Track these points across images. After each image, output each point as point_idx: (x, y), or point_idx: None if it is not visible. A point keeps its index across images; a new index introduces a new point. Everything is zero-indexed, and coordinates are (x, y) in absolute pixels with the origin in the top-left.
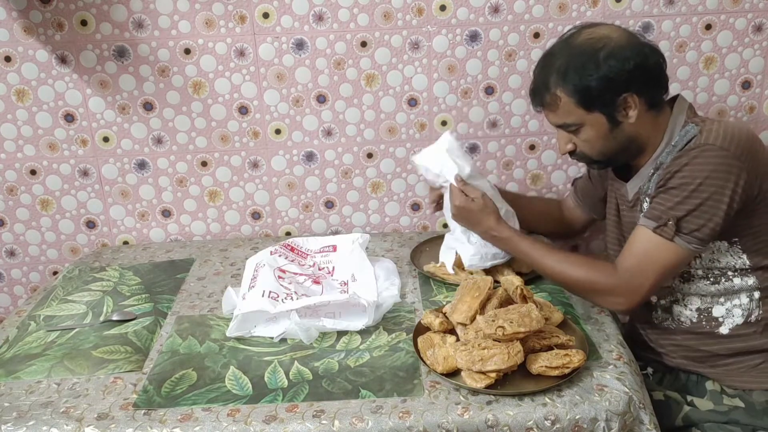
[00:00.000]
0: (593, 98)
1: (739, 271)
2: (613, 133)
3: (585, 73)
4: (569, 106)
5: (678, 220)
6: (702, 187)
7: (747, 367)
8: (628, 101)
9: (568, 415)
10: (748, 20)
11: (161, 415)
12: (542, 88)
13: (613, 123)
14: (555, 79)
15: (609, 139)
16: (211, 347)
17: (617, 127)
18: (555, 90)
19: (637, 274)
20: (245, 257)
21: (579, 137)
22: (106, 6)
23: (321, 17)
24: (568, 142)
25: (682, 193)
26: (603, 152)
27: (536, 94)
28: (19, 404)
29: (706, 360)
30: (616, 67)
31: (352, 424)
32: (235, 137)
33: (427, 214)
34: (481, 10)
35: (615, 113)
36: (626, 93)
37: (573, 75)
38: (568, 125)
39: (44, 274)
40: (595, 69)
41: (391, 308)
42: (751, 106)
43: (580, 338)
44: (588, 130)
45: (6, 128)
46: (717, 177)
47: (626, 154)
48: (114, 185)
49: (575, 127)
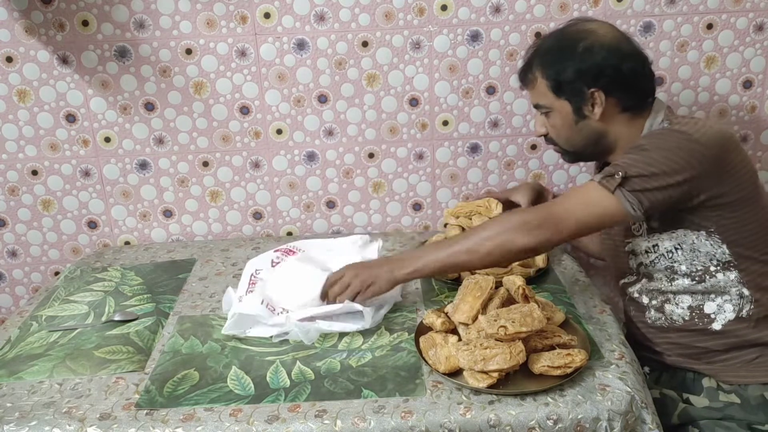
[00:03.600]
0: (562, 85)
1: (721, 264)
2: (578, 125)
3: (561, 60)
4: (542, 88)
5: (626, 175)
6: (663, 159)
7: (742, 362)
8: (594, 96)
9: (570, 415)
10: (749, 20)
11: (163, 415)
12: (525, 67)
13: (578, 115)
14: (536, 61)
15: (574, 130)
16: (213, 347)
17: (582, 120)
18: (534, 70)
19: (567, 210)
20: (247, 257)
21: (549, 121)
22: (107, 6)
23: (322, 17)
24: (542, 124)
25: (640, 157)
26: (569, 142)
27: (521, 70)
28: (22, 404)
29: (701, 356)
30: (589, 62)
31: (354, 424)
32: (236, 137)
33: (429, 214)
34: (482, 10)
35: (581, 105)
36: (594, 88)
37: (550, 60)
38: (540, 107)
39: (46, 275)
40: (570, 59)
41: (392, 308)
42: (753, 106)
43: (582, 338)
44: (556, 116)
45: (7, 129)
46: (679, 156)
47: (595, 149)
48: (115, 185)
49: (546, 110)
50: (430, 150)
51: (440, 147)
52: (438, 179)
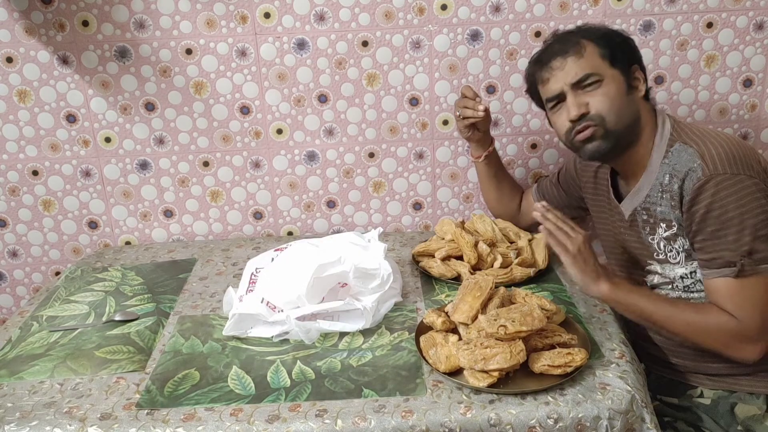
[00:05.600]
0: (618, 53)
1: None
2: (629, 97)
3: (609, 31)
4: (594, 57)
5: (748, 254)
6: (741, 215)
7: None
8: (636, 74)
9: (570, 414)
10: (749, 18)
11: (164, 415)
12: (566, 41)
13: (629, 87)
14: (582, 33)
15: (625, 102)
16: (214, 347)
17: (631, 93)
18: (581, 40)
19: (758, 316)
20: (247, 257)
21: (597, 93)
22: (107, 6)
23: (322, 17)
24: (581, 104)
25: (730, 230)
26: (620, 116)
27: (559, 45)
28: (23, 404)
29: (704, 355)
30: (630, 39)
31: (355, 423)
32: (236, 137)
33: (429, 213)
34: (482, 9)
35: (629, 79)
36: (635, 65)
37: (599, 30)
38: (588, 76)
39: (47, 275)
40: (617, 33)
41: (392, 308)
42: (753, 104)
43: (582, 337)
44: (609, 85)
45: (8, 129)
46: (746, 200)
47: (629, 134)
48: (116, 185)
49: (596, 78)
50: (431, 149)
51: (440, 146)
52: (438, 178)
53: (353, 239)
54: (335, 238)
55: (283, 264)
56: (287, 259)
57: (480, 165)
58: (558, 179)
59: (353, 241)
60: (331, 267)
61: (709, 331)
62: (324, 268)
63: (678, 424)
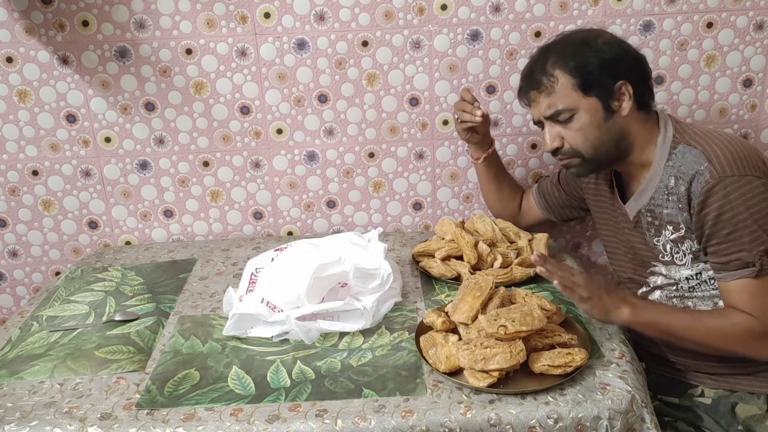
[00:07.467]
0: (592, 80)
1: None
2: (607, 123)
3: (584, 54)
4: (566, 89)
5: (765, 253)
6: (753, 216)
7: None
8: (623, 89)
9: (570, 414)
10: (749, 18)
11: (164, 415)
12: (538, 71)
13: (607, 111)
14: (553, 61)
15: (602, 130)
16: (214, 347)
17: (611, 118)
18: (553, 71)
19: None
20: (247, 257)
21: (571, 127)
22: (107, 6)
23: (322, 17)
24: (556, 137)
25: (744, 231)
26: (596, 146)
27: (531, 77)
28: (22, 404)
29: (698, 358)
30: (613, 51)
31: (355, 423)
32: (236, 137)
33: (429, 213)
34: (482, 9)
35: (610, 100)
36: (622, 80)
37: (572, 56)
38: (560, 112)
39: (47, 275)
40: (594, 52)
41: (392, 308)
42: (753, 104)
43: (582, 337)
44: (582, 117)
45: (8, 129)
46: (756, 201)
47: (615, 152)
48: (116, 185)
49: (569, 113)
50: (431, 149)
51: (440, 146)
52: (438, 178)
53: (353, 239)
54: (335, 238)
55: (283, 264)
56: (287, 259)
57: (480, 166)
58: (558, 179)
59: (353, 241)
60: (331, 267)
61: (730, 335)
62: (324, 268)
63: (678, 424)
